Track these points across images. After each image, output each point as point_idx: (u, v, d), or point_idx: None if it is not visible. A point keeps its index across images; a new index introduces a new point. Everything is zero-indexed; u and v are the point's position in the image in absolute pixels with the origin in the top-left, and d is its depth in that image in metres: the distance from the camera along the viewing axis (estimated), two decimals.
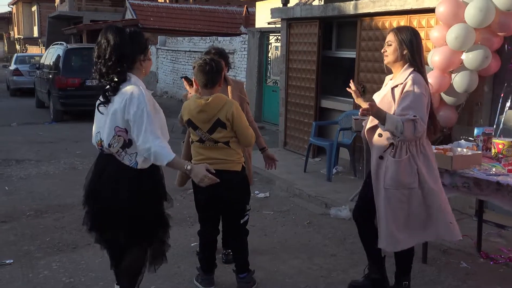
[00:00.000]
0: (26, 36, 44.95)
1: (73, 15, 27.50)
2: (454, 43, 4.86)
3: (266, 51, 11.81)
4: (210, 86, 3.59)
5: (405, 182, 3.33)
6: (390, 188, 3.34)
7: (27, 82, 18.38)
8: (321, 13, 7.61)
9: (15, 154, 8.73)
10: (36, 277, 4.07)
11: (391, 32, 3.47)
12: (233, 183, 3.60)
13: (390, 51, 3.41)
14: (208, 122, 3.53)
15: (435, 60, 5.05)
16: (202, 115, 3.52)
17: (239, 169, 3.66)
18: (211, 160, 3.49)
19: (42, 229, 5.13)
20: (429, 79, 4.97)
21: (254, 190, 6.50)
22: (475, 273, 4.16)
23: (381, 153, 3.38)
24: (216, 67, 3.58)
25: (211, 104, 3.50)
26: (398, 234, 3.39)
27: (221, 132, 3.54)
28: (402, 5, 6.02)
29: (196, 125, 3.58)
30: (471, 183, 3.79)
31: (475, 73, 4.98)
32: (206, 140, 3.57)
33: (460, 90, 5.03)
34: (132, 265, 3.12)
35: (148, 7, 22.63)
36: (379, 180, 3.39)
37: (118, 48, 2.83)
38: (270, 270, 4.21)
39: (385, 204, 3.37)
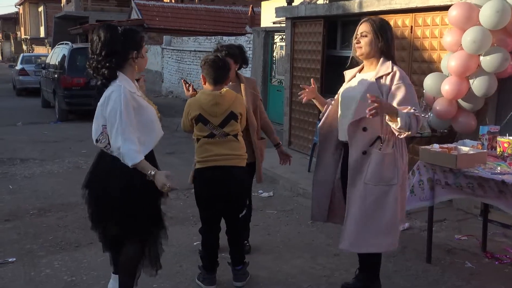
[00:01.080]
0: (33, 36, 45.18)
1: (79, 15, 27.62)
2: (472, 47, 4.74)
3: (271, 51, 11.78)
4: (220, 83, 3.65)
5: (386, 178, 3.22)
6: (369, 183, 3.22)
7: (33, 82, 18.44)
8: (325, 12, 7.58)
9: (19, 153, 8.75)
10: (38, 276, 4.06)
11: (365, 22, 3.30)
12: (239, 179, 3.67)
13: (365, 42, 3.27)
14: (221, 115, 3.57)
15: (452, 65, 4.90)
16: (216, 108, 3.56)
17: (244, 165, 3.71)
18: (220, 156, 3.57)
19: (45, 228, 5.13)
20: (446, 86, 4.94)
21: (258, 189, 6.48)
22: (480, 273, 4.12)
23: (366, 148, 3.23)
24: (229, 64, 3.72)
25: (226, 96, 3.59)
26: (364, 235, 3.26)
27: (233, 125, 3.60)
28: (407, 3, 5.98)
29: (207, 119, 3.57)
30: (475, 183, 3.75)
31: (493, 76, 4.86)
32: (217, 134, 3.58)
33: (480, 94, 4.89)
34: (127, 262, 3.16)
35: (154, 7, 22.67)
36: (360, 176, 3.25)
37: (108, 44, 2.90)
38: (273, 270, 4.19)
39: (359, 201, 3.24)
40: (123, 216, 2.99)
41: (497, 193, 3.64)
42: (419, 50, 6.10)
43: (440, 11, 5.74)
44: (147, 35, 20.59)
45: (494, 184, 3.64)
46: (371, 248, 3.35)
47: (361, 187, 3.25)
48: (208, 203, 3.74)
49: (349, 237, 3.31)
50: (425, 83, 5.31)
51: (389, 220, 3.25)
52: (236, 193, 3.70)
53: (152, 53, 19.24)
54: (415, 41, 6.14)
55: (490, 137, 4.24)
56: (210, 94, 3.59)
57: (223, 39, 14.31)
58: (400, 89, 3.14)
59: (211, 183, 3.64)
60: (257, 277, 4.01)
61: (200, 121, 3.60)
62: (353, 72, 3.51)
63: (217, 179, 3.61)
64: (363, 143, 3.24)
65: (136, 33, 3.04)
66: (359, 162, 3.26)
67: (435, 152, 4.02)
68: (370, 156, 3.23)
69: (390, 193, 3.23)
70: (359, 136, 3.25)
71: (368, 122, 3.20)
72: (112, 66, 2.91)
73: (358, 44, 3.30)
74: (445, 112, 5.12)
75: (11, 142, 9.81)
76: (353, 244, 3.33)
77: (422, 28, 6.02)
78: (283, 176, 6.95)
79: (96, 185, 3.05)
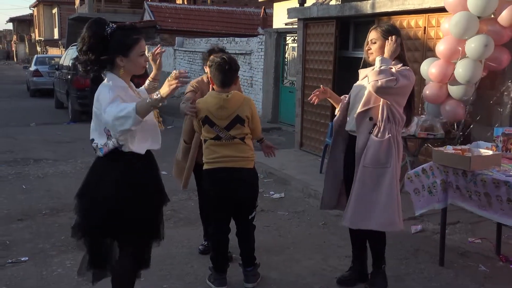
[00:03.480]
0: (47, 38, 45.61)
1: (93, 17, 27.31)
2: (454, 30, 4.93)
3: (283, 52, 11.77)
4: (228, 85, 3.63)
5: (382, 161, 3.48)
6: (369, 166, 3.49)
7: (46, 83, 18.59)
8: (338, 13, 7.55)
9: (33, 154, 8.83)
10: (50, 275, 4.08)
11: (373, 30, 3.59)
12: (247, 181, 3.71)
13: (375, 48, 3.54)
14: (227, 118, 3.58)
15: (440, 49, 5.13)
16: (222, 111, 3.57)
17: (251, 167, 3.75)
18: (226, 158, 3.61)
19: (57, 228, 5.16)
20: (433, 69, 5.19)
21: (269, 190, 6.47)
22: (494, 276, 4.07)
23: (368, 135, 3.51)
24: (234, 66, 3.66)
25: (231, 100, 3.58)
26: (363, 213, 3.52)
27: (239, 129, 3.61)
28: (420, 4, 5.93)
29: (213, 122, 3.59)
30: (482, 193, 3.73)
31: (478, 63, 4.93)
32: (223, 137, 3.59)
33: (463, 80, 4.99)
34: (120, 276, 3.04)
35: (166, 8, 22.76)
36: (361, 160, 3.51)
37: (90, 42, 2.79)
38: (284, 271, 4.17)
39: (359, 182, 3.51)
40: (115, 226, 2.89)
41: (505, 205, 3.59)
42: (433, 51, 6.04)
43: None
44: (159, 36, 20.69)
45: (505, 191, 3.58)
46: (371, 225, 3.54)
47: (361, 169, 3.52)
48: (217, 204, 3.76)
49: (350, 215, 3.58)
50: (422, 69, 5.44)
51: (386, 199, 3.49)
52: (244, 194, 3.72)
53: (165, 54, 19.23)
54: (428, 42, 6.09)
55: (504, 138, 4.18)
56: (216, 97, 3.59)
57: (235, 41, 14.33)
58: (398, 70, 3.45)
59: (218, 184, 3.68)
60: (267, 278, 4.00)
61: (206, 123, 3.62)
62: (367, 71, 3.65)
63: (224, 180, 3.65)
64: (368, 130, 3.52)
65: (126, 35, 2.83)
66: (364, 147, 3.52)
67: (448, 153, 3.98)
68: (368, 141, 3.50)
69: (386, 174, 3.49)
70: (365, 125, 3.53)
71: (374, 113, 3.49)
72: (91, 66, 2.82)
73: (369, 50, 3.60)
74: (434, 96, 5.29)
75: (24, 142, 9.90)
76: (353, 222, 3.59)
77: (436, 29, 5.97)
78: (294, 177, 6.93)
79: (86, 195, 2.94)
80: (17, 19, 61.37)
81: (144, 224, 2.98)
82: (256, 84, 12.88)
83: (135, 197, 2.89)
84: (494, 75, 5.29)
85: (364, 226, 3.58)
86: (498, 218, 3.76)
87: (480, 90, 5.43)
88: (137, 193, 2.90)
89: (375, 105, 3.47)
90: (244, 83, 13.42)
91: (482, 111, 5.32)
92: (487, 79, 5.33)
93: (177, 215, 5.52)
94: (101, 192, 2.88)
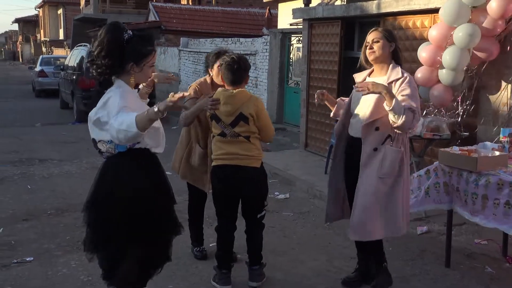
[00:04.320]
0: (52, 38, 45.76)
1: (98, 17, 27.87)
2: (445, 17, 5.03)
3: (288, 52, 11.75)
4: (237, 84, 3.69)
5: (396, 171, 3.50)
6: (384, 177, 3.48)
7: (51, 83, 18.67)
8: (343, 13, 7.53)
9: (38, 154, 8.85)
10: (55, 275, 4.09)
11: (374, 31, 3.61)
12: (252, 180, 3.72)
13: (378, 46, 3.53)
14: (231, 115, 3.63)
15: (432, 34, 5.23)
16: (226, 107, 3.62)
17: (258, 165, 3.75)
18: (231, 155, 3.66)
19: (62, 228, 5.16)
20: (424, 53, 5.32)
21: (274, 191, 6.46)
22: (500, 278, 4.05)
23: (377, 145, 3.49)
24: (244, 65, 3.71)
25: (235, 97, 3.63)
26: (370, 224, 3.49)
27: (243, 126, 3.63)
28: (426, 4, 5.91)
29: (219, 117, 3.66)
30: (480, 195, 3.72)
31: (465, 51, 5.02)
32: (228, 133, 3.64)
33: (449, 67, 5.09)
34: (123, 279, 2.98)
35: (171, 9, 22.78)
36: (372, 170, 3.47)
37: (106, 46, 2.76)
38: (289, 271, 4.16)
39: (372, 193, 3.47)
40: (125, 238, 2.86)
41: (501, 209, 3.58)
42: None
43: None
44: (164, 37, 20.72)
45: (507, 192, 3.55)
46: (385, 233, 3.57)
47: (373, 181, 3.48)
48: (222, 201, 3.80)
49: (360, 227, 3.53)
50: (418, 55, 5.50)
51: (400, 207, 3.53)
52: (249, 193, 3.74)
53: (169, 55, 19.34)
54: None
55: (511, 139, 4.16)
56: (222, 93, 3.67)
57: (240, 41, 14.32)
58: (406, 89, 3.42)
59: (223, 181, 3.73)
60: (272, 279, 3.99)
61: (213, 118, 3.70)
62: (363, 75, 3.72)
63: (228, 178, 3.70)
64: (375, 141, 3.50)
65: (142, 44, 2.83)
66: (370, 157, 3.50)
67: (455, 154, 3.96)
68: (381, 152, 3.48)
69: (399, 184, 3.52)
70: (372, 135, 3.51)
71: (380, 123, 3.47)
72: (106, 71, 2.81)
73: (371, 49, 3.56)
74: (425, 80, 5.37)
75: (29, 143, 9.94)
76: (366, 234, 3.54)
77: None
78: (299, 178, 6.91)
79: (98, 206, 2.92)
80: (22, 20, 61.65)
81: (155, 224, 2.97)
82: (261, 84, 12.87)
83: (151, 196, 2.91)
84: (501, 75, 5.26)
85: (379, 236, 3.56)
86: (487, 223, 3.73)
87: (486, 91, 5.41)
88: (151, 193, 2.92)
89: (382, 115, 3.44)
90: (249, 83, 13.39)
91: (488, 112, 5.29)
92: (493, 80, 5.31)
93: (182, 216, 5.48)
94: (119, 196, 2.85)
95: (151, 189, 2.91)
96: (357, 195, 3.54)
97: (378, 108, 3.43)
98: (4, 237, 4.90)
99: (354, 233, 3.59)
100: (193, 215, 4.51)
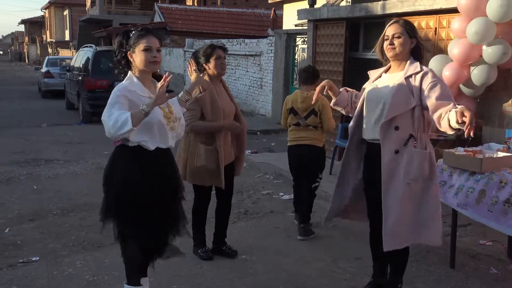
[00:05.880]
0: (58, 39, 45.93)
1: (103, 18, 27.99)
2: (474, 37, 4.91)
3: (293, 53, 11.76)
4: (307, 84, 4.88)
5: (426, 174, 3.26)
6: (412, 182, 3.22)
7: (57, 84, 18.72)
8: (348, 14, 7.53)
9: (44, 154, 8.89)
10: (60, 275, 4.11)
11: (395, 24, 3.27)
12: (315, 155, 4.89)
13: (399, 43, 3.23)
14: (306, 110, 4.80)
15: (454, 52, 5.12)
16: (303, 104, 4.80)
17: (321, 145, 4.93)
18: (303, 138, 4.85)
19: (68, 228, 5.19)
20: (447, 71, 5.14)
21: (279, 192, 6.46)
22: (505, 279, 4.04)
23: (399, 147, 3.22)
24: (313, 71, 5.00)
25: (310, 98, 4.48)
26: (404, 230, 3.27)
27: (314, 119, 4.80)
28: (431, 5, 5.91)
29: (297, 112, 4.83)
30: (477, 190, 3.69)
31: (494, 67, 5.00)
32: (302, 123, 4.82)
33: (478, 83, 5.08)
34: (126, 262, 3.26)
35: (176, 10, 22.85)
36: (397, 176, 3.22)
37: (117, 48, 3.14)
38: (293, 272, 4.16)
39: (401, 200, 3.22)
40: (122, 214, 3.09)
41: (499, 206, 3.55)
42: (444, 52, 6.02)
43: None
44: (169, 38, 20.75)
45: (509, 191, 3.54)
46: (421, 239, 3.39)
47: (401, 187, 3.22)
48: (295, 169, 5.05)
49: (390, 237, 3.25)
50: (430, 65, 5.38)
51: (433, 212, 3.30)
52: (311, 163, 4.91)
53: (174, 55, 19.39)
54: (439, 43, 6.06)
55: None
56: (299, 94, 4.88)
57: (245, 42, 14.34)
58: (437, 85, 3.13)
59: (297, 155, 4.92)
60: (277, 279, 4.00)
61: (292, 112, 4.89)
62: (379, 72, 3.50)
63: (300, 154, 4.87)
64: (396, 142, 3.23)
65: (137, 33, 3.10)
66: (392, 161, 3.24)
67: (459, 155, 3.95)
68: (404, 155, 3.22)
69: (431, 187, 3.29)
70: (391, 136, 3.23)
71: (399, 121, 3.21)
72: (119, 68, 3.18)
73: (392, 45, 3.26)
74: None
75: (35, 143, 9.98)
76: (394, 244, 3.28)
77: (447, 30, 5.94)
78: None
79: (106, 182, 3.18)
80: (28, 21, 61.93)
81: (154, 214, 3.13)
82: (266, 85, 12.88)
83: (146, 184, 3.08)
84: (506, 76, 5.25)
85: (415, 241, 3.39)
86: (479, 218, 3.71)
87: (492, 92, 5.39)
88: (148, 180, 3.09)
89: (401, 112, 3.20)
90: (254, 84, 13.43)
91: (493, 113, 5.28)
92: (499, 81, 5.29)
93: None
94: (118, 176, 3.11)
95: (143, 183, 3.06)
96: (385, 204, 3.25)
97: (396, 105, 3.17)
98: (10, 237, 4.93)
99: (387, 243, 3.27)
100: (199, 217, 4.48)
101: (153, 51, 3.04)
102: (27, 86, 24.72)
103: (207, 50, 4.19)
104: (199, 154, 4.16)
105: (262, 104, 13.05)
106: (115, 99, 2.96)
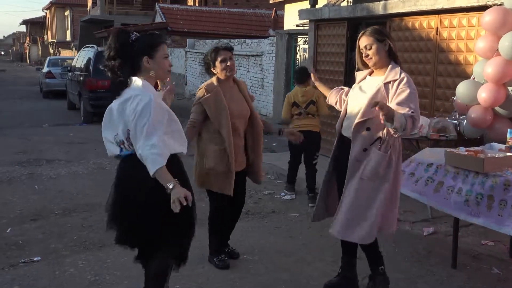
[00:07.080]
0: (59, 39, 45.99)
1: (105, 19, 28.01)
2: (509, 52, 4.63)
3: (294, 53, 11.76)
4: (301, 82, 6.10)
5: (381, 175, 3.43)
6: (365, 178, 3.43)
7: (59, 85, 18.72)
8: (349, 14, 7.54)
9: (46, 154, 8.91)
10: (62, 275, 4.11)
11: (363, 36, 3.48)
12: (314, 138, 6.03)
13: (373, 52, 3.44)
14: (305, 102, 6.03)
15: (489, 72, 4.80)
16: (303, 98, 6.04)
17: (318, 130, 6.13)
18: (304, 125, 5.97)
19: (69, 228, 5.19)
20: (483, 93, 4.88)
21: (280, 192, 6.47)
22: (507, 279, 4.03)
23: (367, 146, 3.45)
24: (302, 71, 6.22)
25: (308, 91, 6.05)
26: (351, 225, 3.46)
27: (312, 108, 6.02)
28: (433, 5, 5.91)
29: (299, 104, 6.04)
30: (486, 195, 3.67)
31: None
32: (303, 112, 6.01)
33: None
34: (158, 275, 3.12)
35: (178, 10, 22.85)
36: (357, 170, 3.46)
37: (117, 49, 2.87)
38: (295, 272, 4.16)
39: (353, 193, 3.45)
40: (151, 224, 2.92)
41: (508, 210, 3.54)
42: (445, 52, 6.03)
43: (467, 12, 5.67)
44: (170, 38, 20.76)
45: None
46: (355, 238, 3.51)
47: (356, 181, 3.46)
48: (294, 146, 5.90)
49: (339, 225, 3.52)
50: (458, 91, 5.19)
51: (375, 214, 3.44)
52: (310, 144, 5.83)
53: (176, 56, 19.39)
54: (440, 43, 6.06)
55: None
56: (299, 90, 6.10)
57: (246, 42, 14.34)
58: (404, 92, 3.34)
59: None
60: (278, 279, 4.00)
61: (295, 105, 6.07)
62: (364, 74, 3.66)
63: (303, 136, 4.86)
64: (365, 141, 3.46)
65: (149, 38, 2.94)
66: (358, 157, 3.48)
67: (461, 155, 3.95)
68: (369, 154, 3.44)
69: (381, 190, 3.44)
70: (362, 135, 3.47)
71: (372, 123, 3.42)
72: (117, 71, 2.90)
73: (367, 57, 3.47)
74: (481, 120, 5.03)
75: (37, 143, 9.99)
76: (340, 232, 3.54)
77: (448, 30, 5.95)
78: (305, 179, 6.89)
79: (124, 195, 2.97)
80: (30, 22, 61.97)
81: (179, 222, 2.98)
82: (267, 85, 12.88)
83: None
84: None
85: (349, 239, 3.52)
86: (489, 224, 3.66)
87: None
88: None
89: (373, 116, 3.37)
90: (255, 84, 13.43)
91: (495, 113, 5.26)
92: None
93: None
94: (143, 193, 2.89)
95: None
96: (343, 195, 3.53)
97: (370, 108, 3.34)
98: (12, 237, 4.94)
99: (333, 228, 3.56)
100: (214, 224, 4.29)
101: (168, 58, 3.01)
102: (29, 86, 24.76)
103: (211, 55, 4.13)
104: (208, 156, 4.06)
105: (263, 104, 13.05)
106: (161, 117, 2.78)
